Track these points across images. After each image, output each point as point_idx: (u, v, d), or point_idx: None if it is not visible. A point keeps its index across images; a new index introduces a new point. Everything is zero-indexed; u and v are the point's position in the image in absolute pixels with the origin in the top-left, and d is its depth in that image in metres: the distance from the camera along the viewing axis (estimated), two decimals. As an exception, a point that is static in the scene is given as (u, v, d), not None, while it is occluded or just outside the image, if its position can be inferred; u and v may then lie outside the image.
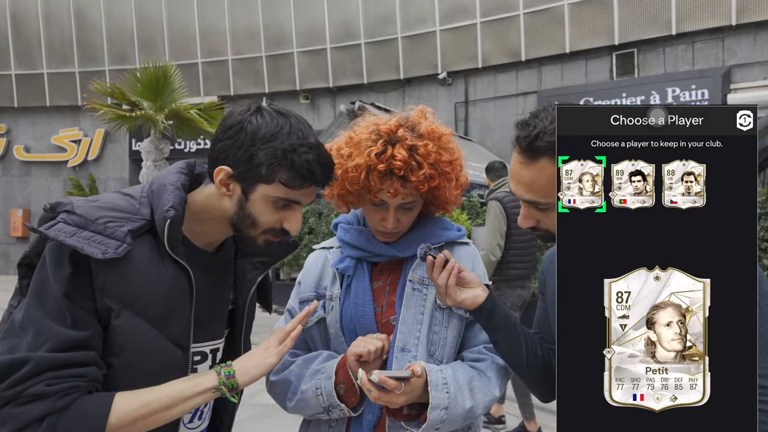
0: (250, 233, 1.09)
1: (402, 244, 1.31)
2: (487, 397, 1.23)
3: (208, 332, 1.14)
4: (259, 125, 1.03)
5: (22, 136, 16.20)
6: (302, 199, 1.08)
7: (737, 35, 9.70)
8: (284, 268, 9.75)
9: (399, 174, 1.19)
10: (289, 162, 1.02)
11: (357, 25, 13.06)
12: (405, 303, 1.26)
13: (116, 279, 0.98)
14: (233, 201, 1.07)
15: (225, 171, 1.04)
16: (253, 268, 1.23)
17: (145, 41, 14.87)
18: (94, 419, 0.94)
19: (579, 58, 11.05)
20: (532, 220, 1.17)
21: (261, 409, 4.40)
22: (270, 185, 1.04)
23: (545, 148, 1.07)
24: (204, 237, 1.13)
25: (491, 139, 11.84)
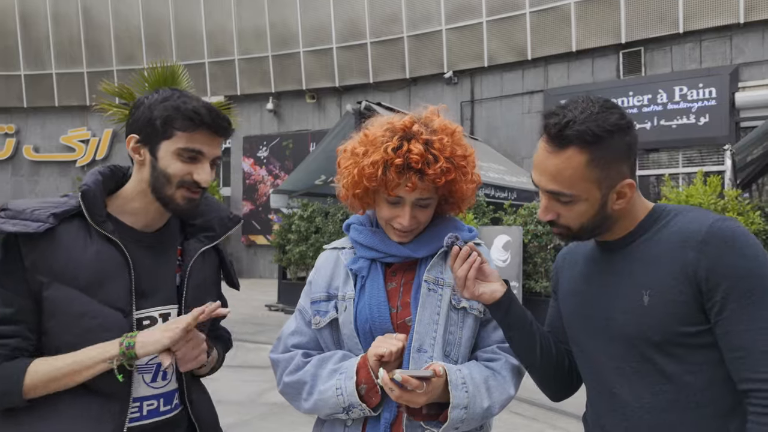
0: (167, 191, 1.22)
1: (416, 245, 1.31)
2: (503, 396, 1.25)
3: (153, 300, 1.25)
4: (154, 97, 1.23)
5: (31, 136, 16.34)
6: (203, 148, 1.22)
7: (745, 33, 9.65)
8: (291, 267, 9.80)
9: (416, 167, 1.21)
10: (177, 109, 1.19)
11: (363, 24, 13.08)
12: (421, 303, 1.26)
13: (44, 256, 1.13)
14: (147, 166, 1.23)
15: (133, 138, 1.23)
16: (197, 242, 1.35)
17: (152, 41, 14.96)
18: (11, 380, 1.10)
19: (585, 57, 11.02)
20: (552, 213, 1.13)
21: (269, 407, 4.44)
22: (170, 139, 1.20)
23: (574, 137, 1.05)
24: (137, 218, 1.26)
25: (497, 138, 11.84)
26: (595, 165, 1.06)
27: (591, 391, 1.22)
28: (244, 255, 14.90)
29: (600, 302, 1.16)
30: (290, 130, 14.37)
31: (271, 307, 9.57)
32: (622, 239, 1.16)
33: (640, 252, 1.12)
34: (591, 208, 1.10)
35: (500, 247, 7.11)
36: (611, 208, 1.12)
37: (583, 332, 1.19)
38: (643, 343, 1.07)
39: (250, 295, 11.26)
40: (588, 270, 1.22)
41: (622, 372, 1.11)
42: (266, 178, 14.56)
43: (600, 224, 1.13)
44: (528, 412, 4.47)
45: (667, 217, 1.12)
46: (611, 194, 1.10)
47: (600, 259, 1.20)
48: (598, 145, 1.05)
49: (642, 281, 1.08)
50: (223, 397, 4.70)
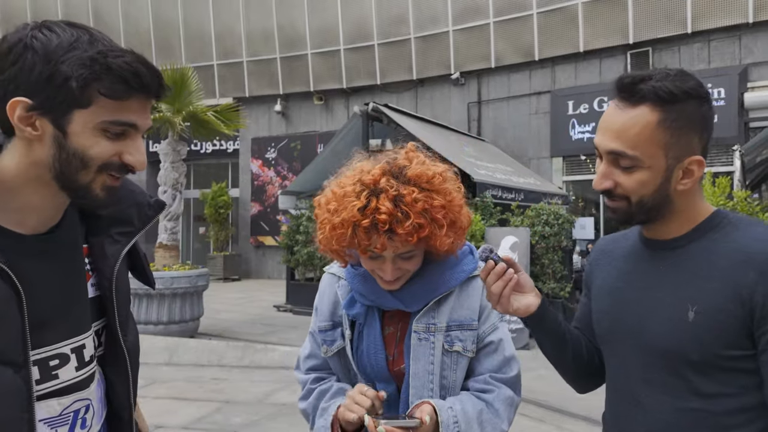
0: (83, 178, 0.86)
1: (408, 298, 1.27)
2: (495, 431, 1.23)
3: (62, 331, 0.92)
4: (49, 39, 0.82)
5: (42, 138, 16.53)
6: (137, 120, 0.87)
7: (754, 33, 9.58)
8: (299, 268, 9.85)
9: (384, 228, 1.13)
10: (104, 67, 0.82)
11: (370, 26, 13.12)
12: (413, 356, 1.25)
13: None
14: (46, 143, 0.84)
15: (21, 103, 0.81)
16: (112, 243, 1.00)
17: (161, 44, 15.09)
18: None
19: (593, 58, 10.99)
20: (609, 180, 1.02)
21: (277, 408, 4.49)
22: (88, 108, 0.82)
23: (648, 92, 0.97)
24: (26, 216, 0.89)
25: (504, 139, 11.83)
26: (666, 127, 0.97)
27: (612, 393, 1.15)
28: (252, 256, 14.99)
29: (637, 306, 1.07)
30: (298, 132, 14.44)
31: (279, 308, 9.63)
32: (674, 240, 1.05)
33: (692, 260, 1.02)
34: (653, 180, 0.99)
35: (507, 249, 7.11)
36: (675, 187, 1.01)
37: (613, 334, 1.12)
38: (679, 358, 0.99)
39: (259, 295, 11.34)
40: (628, 268, 1.12)
41: (650, 382, 1.04)
42: (274, 179, 14.64)
43: (659, 205, 1.02)
44: (535, 414, 4.48)
45: (727, 227, 1.02)
46: (677, 169, 1.00)
47: (643, 257, 1.10)
48: (672, 105, 0.96)
49: (689, 294, 0.99)
50: (232, 397, 4.75)
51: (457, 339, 1.26)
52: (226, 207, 14.40)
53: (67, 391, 0.93)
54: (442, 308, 1.27)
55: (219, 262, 14.05)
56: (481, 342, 1.29)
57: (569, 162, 11.38)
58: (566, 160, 11.35)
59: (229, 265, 14.30)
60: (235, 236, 15.14)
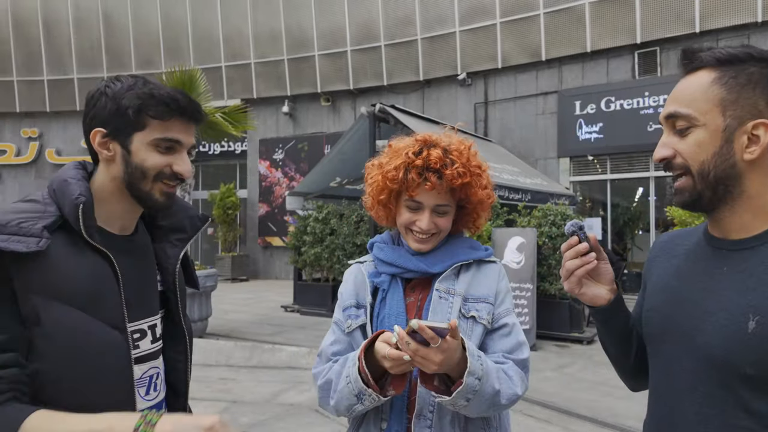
0: (144, 187, 1.12)
1: (431, 260, 1.39)
2: (510, 390, 1.26)
3: (141, 311, 1.18)
4: (117, 86, 1.11)
5: (53, 140, 16.72)
6: (180, 137, 1.13)
7: (763, 32, 9.51)
8: (306, 269, 9.89)
9: (435, 167, 1.31)
10: (151, 96, 1.09)
11: (377, 27, 13.15)
12: (432, 309, 1.34)
13: (38, 275, 1.00)
14: (118, 161, 1.11)
15: (100, 133, 1.10)
16: (172, 246, 1.28)
17: (170, 46, 15.20)
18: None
19: (600, 58, 10.95)
20: (667, 148, 0.98)
21: (285, 408, 4.52)
22: (144, 130, 1.10)
23: (707, 57, 0.95)
24: (114, 220, 1.15)
25: (511, 140, 11.82)
26: (723, 84, 0.92)
27: (655, 399, 1.07)
28: (260, 256, 15.07)
29: (692, 308, 0.99)
30: (305, 133, 14.50)
31: (287, 308, 9.68)
32: (743, 241, 0.96)
33: (761, 264, 0.92)
34: (711, 141, 0.93)
35: (514, 249, 7.12)
36: (740, 156, 0.92)
37: (663, 335, 1.04)
38: (732, 371, 0.91)
39: (266, 296, 11.40)
40: (687, 266, 1.04)
41: (696, 392, 0.96)
42: (282, 180, 14.71)
43: (725, 176, 0.93)
44: (541, 415, 4.49)
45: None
46: (740, 133, 0.92)
47: (705, 256, 1.02)
48: (731, 65, 0.93)
49: (752, 302, 0.90)
50: (240, 397, 4.79)
51: (474, 308, 1.35)
52: (234, 208, 14.49)
53: (145, 359, 1.19)
54: (461, 279, 1.39)
55: (227, 263, 14.14)
56: (496, 322, 1.36)
57: (576, 162, 11.34)
58: (573, 160, 11.32)
59: (237, 266, 14.39)
60: (243, 237, 15.23)
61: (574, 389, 5.15)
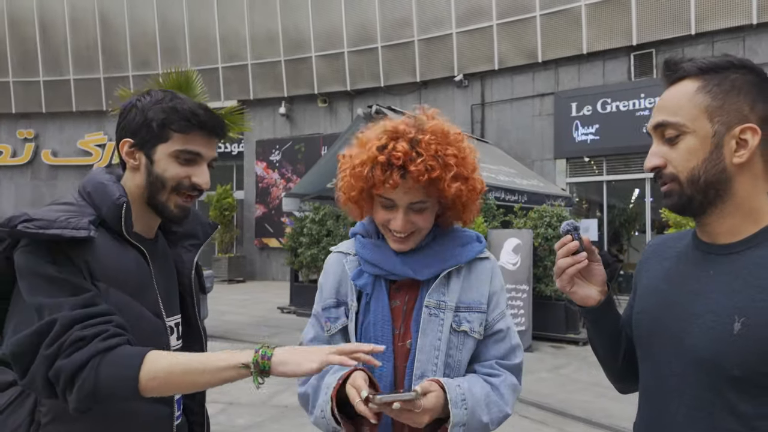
0: (162, 197, 1.18)
1: (418, 265, 1.29)
2: (500, 414, 1.24)
3: (169, 308, 1.24)
4: (146, 100, 1.18)
5: (49, 141, 16.67)
6: (201, 150, 1.19)
7: (758, 34, 9.56)
8: (303, 270, 9.89)
9: (397, 164, 1.19)
10: (174, 110, 1.15)
11: (374, 28, 13.16)
12: (422, 330, 1.26)
13: (95, 262, 1.07)
14: (142, 171, 1.19)
15: (127, 143, 1.18)
16: (186, 251, 1.35)
17: (167, 47, 15.18)
18: (129, 366, 0.98)
19: (596, 59, 10.99)
20: (657, 158, 0.99)
21: (280, 410, 4.52)
22: (167, 142, 1.16)
23: (690, 67, 0.98)
24: (139, 224, 1.21)
25: (507, 141, 11.84)
26: (707, 92, 0.95)
27: (645, 401, 1.08)
28: (257, 257, 15.05)
29: (680, 310, 1.00)
30: (302, 134, 14.49)
31: (283, 310, 9.67)
32: (730, 245, 0.98)
33: (747, 268, 0.93)
34: (701, 147, 0.94)
35: (510, 251, 7.13)
36: (730, 161, 0.94)
37: (651, 337, 1.05)
38: (719, 373, 0.92)
39: (263, 297, 11.39)
40: (676, 270, 1.06)
41: (684, 394, 0.97)
42: (279, 181, 14.70)
43: (715, 180, 0.95)
44: (536, 416, 4.50)
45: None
46: (728, 138, 0.93)
47: (695, 260, 1.03)
48: (714, 73, 0.96)
49: (737, 304, 0.91)
50: (236, 399, 4.78)
51: (465, 320, 1.28)
52: (231, 209, 14.47)
53: None
54: (452, 286, 1.30)
55: (224, 264, 14.12)
56: (490, 329, 1.31)
57: (573, 164, 11.37)
58: (570, 161, 11.35)
59: (233, 267, 14.37)
60: (239, 238, 15.21)
61: (569, 390, 5.16)
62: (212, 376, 1.01)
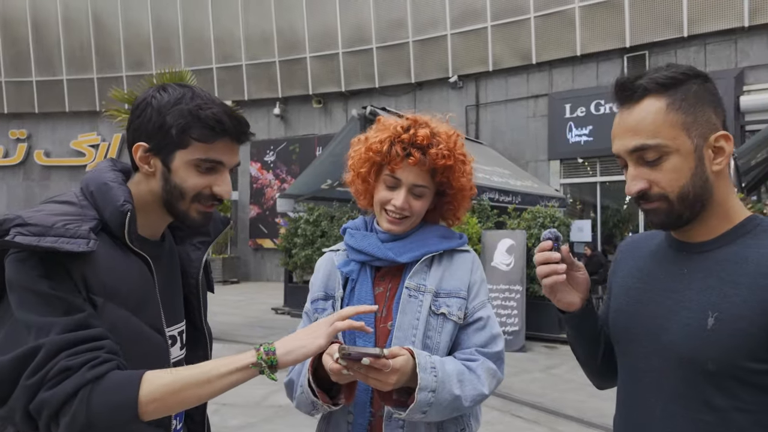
0: (181, 206, 1.09)
1: (400, 248, 1.35)
2: (474, 391, 1.24)
3: (172, 317, 1.16)
4: (163, 97, 1.06)
5: (42, 141, 16.58)
6: (223, 158, 1.08)
7: (750, 36, 9.64)
8: (297, 271, 9.89)
9: (421, 143, 1.31)
10: (196, 117, 1.04)
11: (369, 29, 13.18)
12: (401, 309, 1.31)
13: (93, 275, 0.98)
14: (158, 178, 1.08)
15: (141, 147, 1.06)
16: (195, 249, 1.26)
17: (161, 47, 15.14)
18: (125, 391, 0.91)
19: (590, 61, 11.04)
20: (641, 181, 0.98)
21: (274, 410, 4.51)
22: (186, 149, 1.05)
23: (649, 84, 0.96)
24: (147, 228, 1.13)
25: (502, 142, 11.88)
26: (677, 108, 0.95)
27: (623, 396, 1.10)
28: (251, 258, 15.03)
29: (656, 307, 1.02)
30: (297, 135, 14.49)
31: (277, 310, 9.66)
32: (703, 244, 1.00)
33: (719, 265, 0.96)
34: (686, 164, 0.95)
35: (504, 251, 7.16)
36: (710, 169, 0.96)
37: (628, 334, 1.07)
38: (695, 367, 0.94)
39: (257, 298, 11.37)
40: (650, 268, 1.08)
41: (662, 389, 0.99)
42: (273, 182, 14.68)
43: (702, 192, 0.96)
44: (529, 416, 4.52)
45: (763, 234, 0.96)
46: (706, 149, 0.96)
47: (668, 259, 1.06)
48: (675, 88, 0.96)
49: (711, 300, 0.94)
50: (229, 399, 4.78)
51: (444, 304, 1.32)
52: (225, 210, 14.39)
53: (176, 366, 1.15)
54: (432, 272, 1.35)
55: (218, 265, 14.09)
56: (470, 316, 1.34)
57: (567, 165, 11.42)
58: (564, 162, 11.40)
59: (227, 268, 14.34)
60: (233, 239, 15.18)
61: (561, 390, 5.18)
62: (218, 383, 0.96)
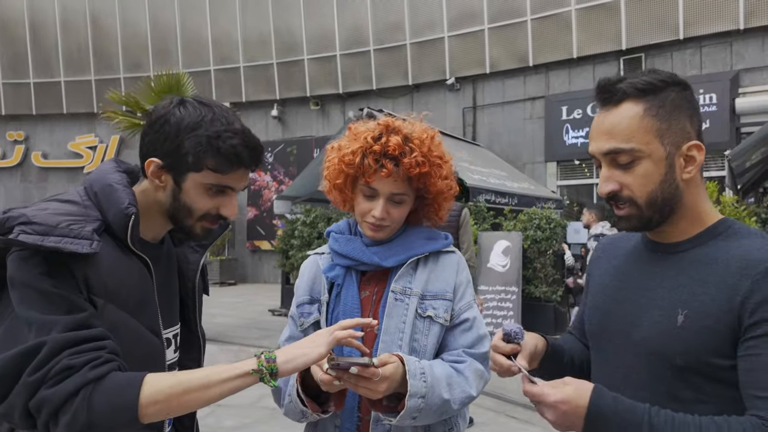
0: (187, 222, 1.12)
1: (385, 253, 1.35)
2: (463, 394, 1.25)
3: (168, 319, 1.17)
4: (183, 116, 1.06)
5: (39, 143, 16.57)
6: (234, 184, 1.11)
7: (745, 39, 9.68)
8: (294, 272, 9.87)
9: (393, 154, 1.27)
10: (215, 148, 1.05)
11: (366, 31, 13.20)
12: (387, 312, 1.30)
13: (95, 277, 0.98)
14: (167, 193, 1.10)
15: (155, 163, 1.07)
16: (193, 252, 1.28)
17: (159, 49, 15.15)
18: (127, 392, 0.91)
19: (586, 63, 11.08)
20: (612, 182, 1.00)
21: (269, 411, 4.51)
22: (199, 173, 1.07)
23: (628, 88, 0.98)
24: (148, 231, 1.14)
25: (499, 144, 11.90)
26: (654, 114, 0.97)
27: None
28: (248, 260, 15.02)
29: (630, 305, 1.05)
30: (294, 137, 14.50)
31: (274, 312, 9.66)
32: (676, 244, 1.03)
33: (691, 265, 0.99)
34: (657, 170, 0.98)
35: (500, 253, 7.17)
36: (680, 177, 0.99)
37: (602, 331, 1.11)
38: (663, 362, 0.98)
39: (255, 299, 11.37)
40: (626, 267, 1.11)
41: (631, 382, 1.03)
42: (271, 183, 14.69)
43: (670, 197, 0.99)
44: (523, 416, 4.52)
45: (733, 236, 0.99)
46: (677, 157, 0.98)
47: (642, 258, 1.09)
48: (654, 94, 0.97)
49: (682, 298, 0.97)
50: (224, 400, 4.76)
51: (431, 307, 1.32)
52: (223, 211, 14.43)
53: (169, 369, 1.18)
54: (418, 275, 1.35)
55: (215, 267, 14.08)
56: (457, 317, 1.34)
57: (563, 167, 11.45)
58: (560, 164, 11.43)
59: (225, 270, 14.33)
60: (231, 240, 15.17)
61: (557, 391, 5.18)
62: (218, 388, 0.96)
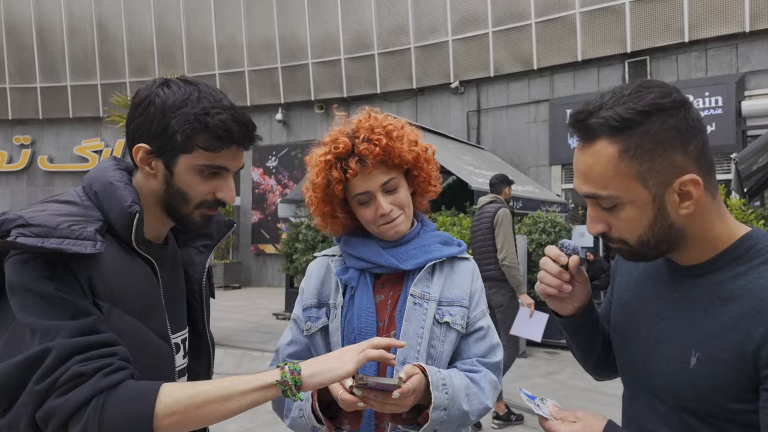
0: (184, 210, 1.05)
1: (403, 255, 1.32)
2: (480, 405, 1.25)
3: (176, 323, 1.12)
4: (167, 96, 1.00)
5: (46, 147, 16.66)
6: (228, 164, 1.05)
7: (751, 42, 9.63)
8: (298, 276, 9.86)
9: (345, 154, 1.25)
10: (203, 125, 0.98)
11: (371, 35, 13.23)
12: (406, 317, 1.28)
13: (99, 280, 0.93)
14: (159, 179, 1.04)
15: (143, 149, 1.01)
16: (198, 253, 1.22)
17: (164, 53, 15.22)
18: (142, 403, 0.86)
19: (591, 66, 11.05)
20: (601, 223, 0.93)
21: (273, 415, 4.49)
22: (190, 154, 1.00)
23: (600, 127, 0.86)
24: (150, 230, 1.08)
25: (503, 148, 11.88)
26: (631, 156, 0.85)
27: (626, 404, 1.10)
28: (253, 263, 15.03)
29: (645, 335, 1.00)
30: (299, 140, 14.51)
31: (278, 316, 9.65)
32: (692, 268, 0.95)
33: (706, 296, 0.91)
34: (644, 214, 0.88)
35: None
36: (676, 213, 0.89)
37: (624, 352, 1.07)
38: (678, 403, 0.93)
39: (259, 303, 11.36)
40: (645, 286, 1.04)
41: (654, 409, 0.98)
42: (275, 187, 14.71)
43: (666, 236, 0.91)
44: (529, 422, 4.49)
45: (755, 258, 0.88)
46: (669, 195, 0.87)
47: (661, 277, 1.01)
48: (630, 131, 0.85)
49: (694, 337, 0.90)
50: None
51: (448, 313, 1.31)
52: (227, 215, 14.45)
53: (179, 375, 1.13)
54: (435, 280, 1.33)
55: (220, 270, 14.09)
56: (471, 326, 1.33)
57: (568, 170, 11.40)
58: (565, 168, 11.38)
59: (229, 273, 14.35)
60: (235, 244, 15.19)
61: (562, 396, 5.15)
62: (238, 401, 0.90)
